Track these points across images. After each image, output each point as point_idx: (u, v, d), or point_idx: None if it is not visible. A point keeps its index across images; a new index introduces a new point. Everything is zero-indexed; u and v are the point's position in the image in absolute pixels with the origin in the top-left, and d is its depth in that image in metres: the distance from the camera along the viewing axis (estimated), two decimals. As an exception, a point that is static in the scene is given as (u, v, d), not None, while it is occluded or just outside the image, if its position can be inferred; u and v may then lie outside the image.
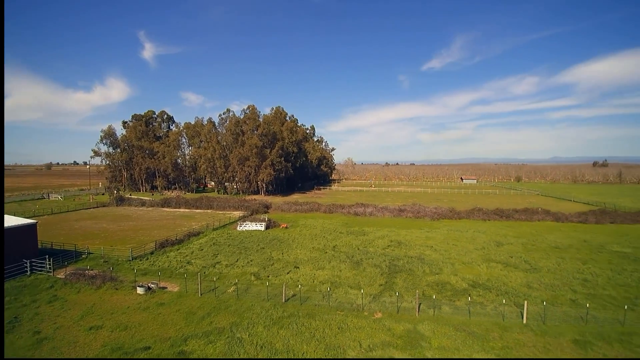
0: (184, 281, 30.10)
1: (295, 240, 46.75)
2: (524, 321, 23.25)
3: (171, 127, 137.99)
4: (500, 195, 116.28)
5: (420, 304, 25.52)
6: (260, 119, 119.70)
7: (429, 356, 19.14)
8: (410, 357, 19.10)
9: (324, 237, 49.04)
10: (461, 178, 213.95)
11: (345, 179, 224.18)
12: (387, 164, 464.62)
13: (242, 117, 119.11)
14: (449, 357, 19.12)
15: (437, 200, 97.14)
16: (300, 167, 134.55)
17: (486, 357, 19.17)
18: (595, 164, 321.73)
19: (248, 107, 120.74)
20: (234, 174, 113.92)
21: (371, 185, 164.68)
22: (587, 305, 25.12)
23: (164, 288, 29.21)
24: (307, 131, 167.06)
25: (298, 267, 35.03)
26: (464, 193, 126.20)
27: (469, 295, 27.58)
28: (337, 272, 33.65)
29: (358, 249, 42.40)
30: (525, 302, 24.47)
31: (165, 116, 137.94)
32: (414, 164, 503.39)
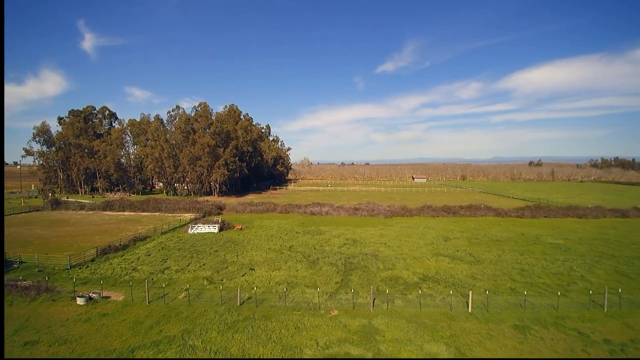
0: (130, 289, 28.20)
1: (250, 242, 45.85)
2: (470, 310, 24.76)
3: (114, 124, 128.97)
4: (447, 193, 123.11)
5: (374, 299, 26.18)
6: (213, 117, 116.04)
7: (383, 349, 19.67)
8: (365, 350, 19.49)
9: (280, 237, 48.63)
10: (412, 177, 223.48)
11: (302, 179, 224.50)
12: (342, 164, 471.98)
13: (193, 114, 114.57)
14: (403, 348, 19.78)
15: (391, 199, 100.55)
16: (255, 167, 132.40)
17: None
18: (531, 163, 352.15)
19: (199, 105, 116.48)
20: (185, 175, 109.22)
21: (327, 185, 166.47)
22: (525, 292, 27.34)
23: (107, 297, 27.19)
24: (263, 130, 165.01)
25: (254, 269, 34.37)
26: (415, 191, 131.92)
27: (420, 288, 28.81)
28: (293, 272, 33.50)
29: (314, 248, 42.57)
30: (470, 292, 26.08)
31: (107, 112, 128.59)
32: (368, 164, 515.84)
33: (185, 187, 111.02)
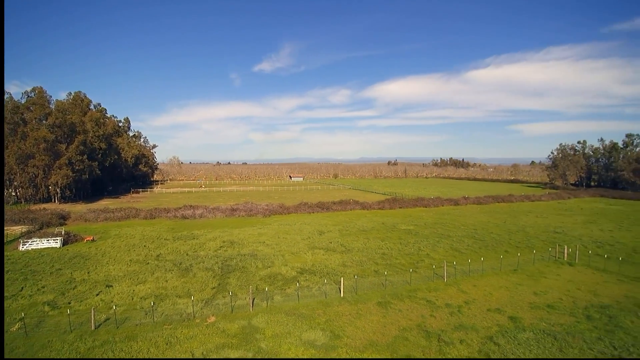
0: None
1: (106, 255, 39.42)
2: (342, 295, 26.83)
3: None
4: (322, 190, 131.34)
5: (254, 299, 25.80)
6: (52, 106, 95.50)
7: (263, 346, 19.51)
8: (245, 351, 18.96)
9: (144, 246, 43.30)
10: (290, 176, 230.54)
11: (171, 180, 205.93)
12: (218, 163, 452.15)
13: (24, 101, 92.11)
14: (283, 341, 20.00)
15: (269, 198, 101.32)
16: (111, 167, 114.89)
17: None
18: (389, 163, 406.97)
19: (33, 90, 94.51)
20: (12, 177, 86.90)
21: (201, 186, 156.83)
22: (385, 273, 31.18)
23: None
24: (120, 124, 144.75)
25: (111, 286, 29.61)
26: (292, 190, 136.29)
27: (298, 281, 29.77)
28: (162, 283, 30.23)
29: (187, 254, 39.41)
30: (342, 278, 28.28)
31: None
32: (246, 163, 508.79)
33: (13, 193, 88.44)
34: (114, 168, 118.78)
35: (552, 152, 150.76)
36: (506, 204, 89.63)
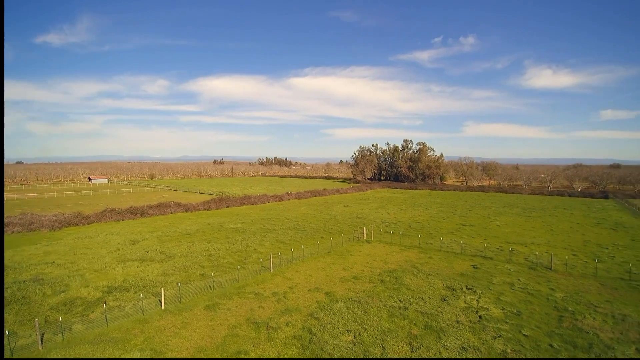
0: None
1: None
2: (163, 307, 24.09)
3: None
4: (134, 194, 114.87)
5: (43, 335, 19.98)
6: None
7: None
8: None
9: None
10: (89, 178, 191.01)
11: None
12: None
13: None
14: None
15: (59, 206, 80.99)
16: None
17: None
18: (215, 162, 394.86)
19: None
20: None
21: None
22: (213, 274, 29.98)
23: None
24: None
25: None
26: (93, 194, 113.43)
27: (105, 303, 24.92)
28: None
29: None
30: (162, 289, 25.40)
31: None
32: (22, 163, 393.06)
33: None
34: None
35: (354, 153, 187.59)
36: (321, 197, 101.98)
